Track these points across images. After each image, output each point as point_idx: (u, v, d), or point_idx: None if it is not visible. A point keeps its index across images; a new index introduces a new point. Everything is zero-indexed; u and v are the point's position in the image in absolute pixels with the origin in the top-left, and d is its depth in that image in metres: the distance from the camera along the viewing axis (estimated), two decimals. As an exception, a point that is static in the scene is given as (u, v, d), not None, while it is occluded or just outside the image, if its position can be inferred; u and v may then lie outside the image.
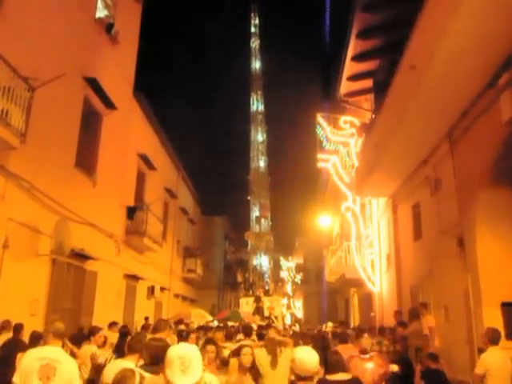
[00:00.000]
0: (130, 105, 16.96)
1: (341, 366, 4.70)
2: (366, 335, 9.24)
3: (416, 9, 7.36)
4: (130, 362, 4.36)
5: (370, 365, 6.15)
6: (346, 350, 6.41)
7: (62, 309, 11.30)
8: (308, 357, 3.86)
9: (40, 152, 10.30)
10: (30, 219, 9.90)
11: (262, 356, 5.85)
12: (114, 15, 14.90)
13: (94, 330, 7.61)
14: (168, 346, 4.19)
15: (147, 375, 3.61)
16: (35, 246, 10.17)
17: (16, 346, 6.97)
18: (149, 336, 5.33)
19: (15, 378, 4.67)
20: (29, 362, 4.62)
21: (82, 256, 12.26)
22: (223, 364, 5.76)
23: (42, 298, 10.52)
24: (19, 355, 5.56)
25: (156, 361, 3.82)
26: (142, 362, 4.30)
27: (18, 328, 8.12)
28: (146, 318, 15.93)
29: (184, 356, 2.98)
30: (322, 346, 6.53)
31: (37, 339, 6.40)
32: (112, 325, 10.99)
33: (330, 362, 4.75)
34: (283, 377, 5.53)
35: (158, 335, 6.09)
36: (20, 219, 9.44)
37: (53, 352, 4.52)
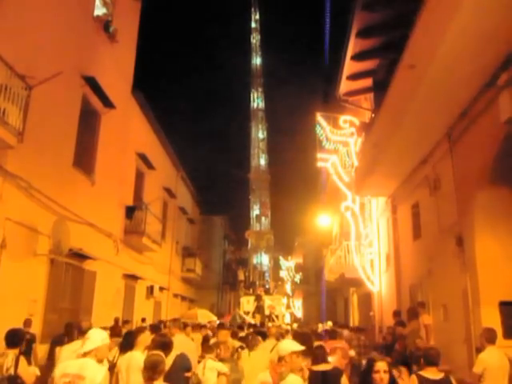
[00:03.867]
0: (129, 104, 16.90)
1: (322, 358, 5.59)
2: (346, 331, 11.67)
3: (416, 8, 7.33)
4: (139, 352, 5.52)
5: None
6: (333, 345, 8.16)
7: (61, 309, 11.28)
8: (288, 344, 4.84)
9: (38, 151, 10.24)
10: (28, 219, 9.85)
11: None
12: (113, 13, 14.81)
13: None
14: (170, 340, 5.73)
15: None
16: (33, 245, 10.12)
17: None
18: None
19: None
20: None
21: (81, 256, 12.22)
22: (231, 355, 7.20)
23: (41, 298, 10.48)
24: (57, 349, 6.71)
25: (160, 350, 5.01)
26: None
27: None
28: (143, 320, 15.91)
29: (87, 337, 4.76)
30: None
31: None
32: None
33: (314, 355, 5.63)
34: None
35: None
36: (18, 219, 9.39)
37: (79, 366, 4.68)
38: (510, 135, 7.28)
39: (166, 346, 5.32)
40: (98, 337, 4.76)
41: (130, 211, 16.73)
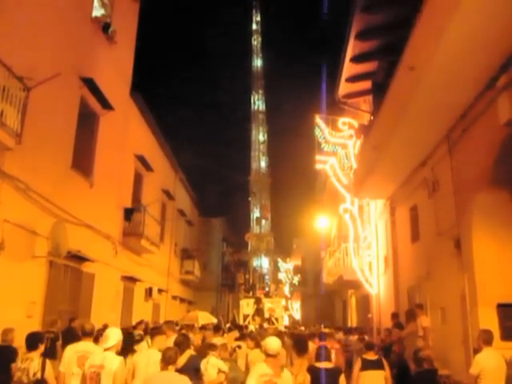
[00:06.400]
0: (128, 105, 16.88)
1: (326, 357, 6.22)
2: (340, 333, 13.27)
3: (415, 10, 7.33)
4: (156, 350, 6.21)
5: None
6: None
7: (59, 311, 11.24)
8: (271, 341, 5.44)
9: (36, 153, 10.22)
10: (26, 221, 9.82)
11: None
12: (111, 14, 14.78)
13: (102, 332, 7.87)
14: (188, 338, 6.97)
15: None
16: (31, 247, 10.10)
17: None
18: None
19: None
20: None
21: (79, 258, 12.20)
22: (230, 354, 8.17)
23: (39, 299, 10.45)
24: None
25: (178, 346, 6.02)
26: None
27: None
28: (140, 322, 15.84)
29: (105, 334, 5.86)
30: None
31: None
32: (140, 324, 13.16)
33: (318, 353, 6.30)
34: None
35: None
36: (16, 221, 9.36)
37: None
38: (509, 137, 7.28)
39: (183, 344, 6.36)
40: (116, 335, 5.84)
41: (128, 213, 16.71)
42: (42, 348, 6.14)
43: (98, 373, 5.52)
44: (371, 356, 7.23)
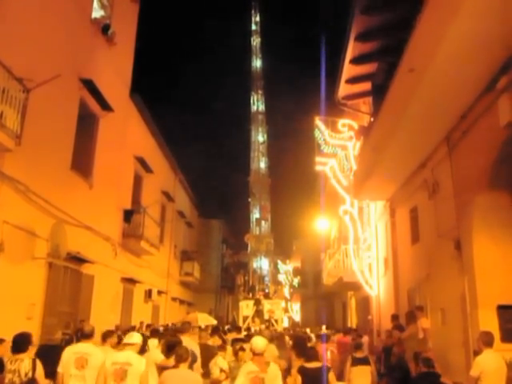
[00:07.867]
0: (127, 107, 16.87)
1: (315, 357, 6.70)
2: (340, 334, 13.56)
3: (415, 11, 7.33)
4: (158, 351, 6.96)
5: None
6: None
7: (59, 312, 11.24)
8: (257, 341, 5.98)
9: (36, 154, 10.22)
10: (26, 222, 9.82)
11: None
12: (111, 16, 14.78)
13: (108, 334, 7.87)
14: (180, 341, 6.92)
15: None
16: (31, 249, 10.09)
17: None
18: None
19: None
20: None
21: (79, 259, 12.19)
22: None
23: (39, 301, 10.45)
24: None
25: (169, 349, 6.53)
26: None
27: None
28: (142, 323, 15.85)
29: (130, 334, 6.34)
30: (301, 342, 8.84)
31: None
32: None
33: (308, 354, 6.78)
34: None
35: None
36: (15, 222, 9.36)
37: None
38: (509, 139, 7.28)
39: (175, 344, 6.53)
40: (138, 337, 6.21)
41: (128, 215, 16.70)
42: (31, 349, 6.10)
43: (125, 370, 5.70)
44: (359, 354, 8.41)
